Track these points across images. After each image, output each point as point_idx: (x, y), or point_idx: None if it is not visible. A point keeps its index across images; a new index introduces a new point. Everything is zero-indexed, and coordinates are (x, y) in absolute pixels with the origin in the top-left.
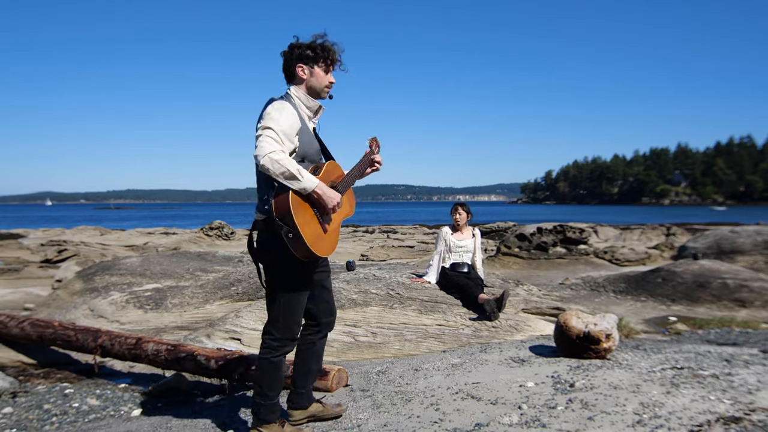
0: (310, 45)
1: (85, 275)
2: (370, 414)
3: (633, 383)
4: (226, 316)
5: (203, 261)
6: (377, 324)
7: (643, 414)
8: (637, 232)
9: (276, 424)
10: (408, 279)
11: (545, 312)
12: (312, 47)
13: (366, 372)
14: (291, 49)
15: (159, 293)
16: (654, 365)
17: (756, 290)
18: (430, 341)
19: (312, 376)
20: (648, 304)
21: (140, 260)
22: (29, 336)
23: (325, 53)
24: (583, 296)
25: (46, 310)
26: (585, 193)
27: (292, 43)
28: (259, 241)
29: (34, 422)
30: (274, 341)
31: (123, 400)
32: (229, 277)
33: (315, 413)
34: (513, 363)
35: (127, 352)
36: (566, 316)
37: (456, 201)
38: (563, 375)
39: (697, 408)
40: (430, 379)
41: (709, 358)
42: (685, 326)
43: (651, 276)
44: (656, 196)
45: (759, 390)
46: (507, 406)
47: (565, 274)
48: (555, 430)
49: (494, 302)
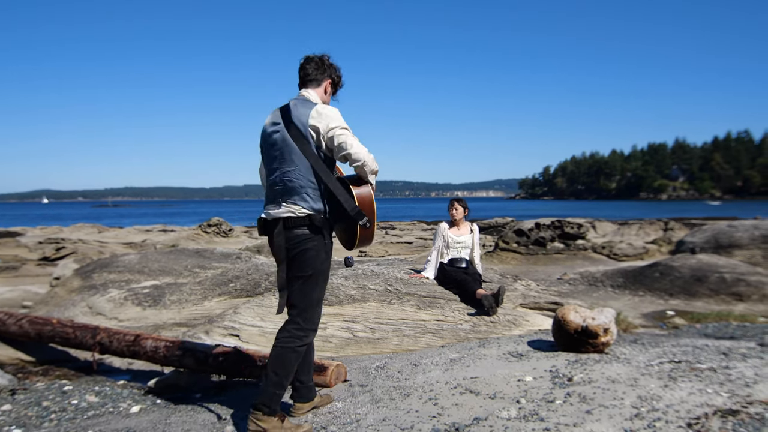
0: (340, 74)
1: (83, 273)
2: (369, 409)
3: (631, 377)
4: (224, 312)
5: (201, 258)
6: (375, 319)
7: (641, 407)
8: (635, 227)
9: (276, 418)
10: (406, 275)
11: (543, 307)
12: (341, 77)
13: (365, 367)
14: (325, 63)
15: (157, 290)
16: (652, 359)
17: (753, 284)
18: (429, 336)
19: (312, 368)
20: (646, 298)
21: (138, 257)
22: (27, 333)
23: (339, 88)
24: (581, 291)
25: (45, 308)
26: (583, 188)
27: (327, 59)
28: (301, 234)
29: (33, 419)
30: (300, 331)
31: (122, 397)
32: (227, 273)
33: (316, 404)
34: (511, 357)
35: (125, 348)
36: (564, 311)
37: (453, 197)
38: (561, 369)
39: (695, 401)
40: (428, 374)
41: (706, 352)
42: (682, 320)
43: (649, 270)
44: (654, 191)
45: (756, 383)
46: (505, 401)
47: (563, 269)
48: (553, 423)
49: (492, 297)
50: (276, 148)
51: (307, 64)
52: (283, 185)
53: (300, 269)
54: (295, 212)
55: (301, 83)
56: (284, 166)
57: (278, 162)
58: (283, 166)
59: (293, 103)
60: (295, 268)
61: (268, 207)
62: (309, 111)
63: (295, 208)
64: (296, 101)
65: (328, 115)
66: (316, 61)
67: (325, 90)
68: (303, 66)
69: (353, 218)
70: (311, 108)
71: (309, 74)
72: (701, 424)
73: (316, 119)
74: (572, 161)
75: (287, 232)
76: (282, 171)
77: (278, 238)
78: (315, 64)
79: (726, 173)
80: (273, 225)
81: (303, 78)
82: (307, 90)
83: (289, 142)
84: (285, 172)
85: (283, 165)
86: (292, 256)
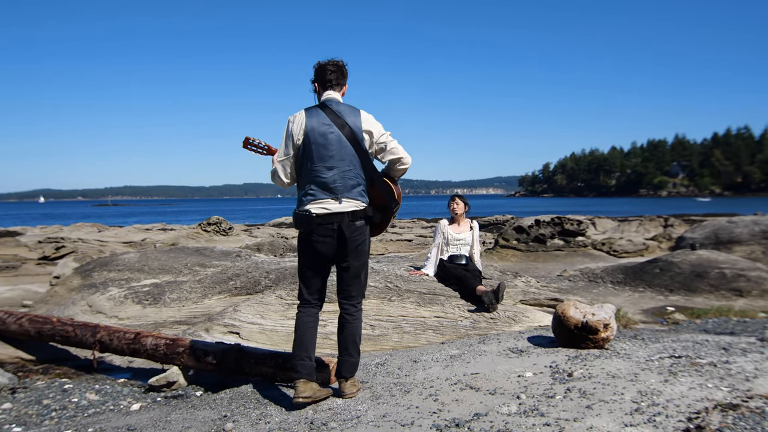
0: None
1: (83, 271)
2: (369, 405)
3: (631, 372)
4: (224, 310)
5: (201, 256)
6: (376, 316)
7: (641, 402)
8: (635, 223)
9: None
10: (406, 272)
11: (543, 303)
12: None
13: (365, 364)
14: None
15: (157, 288)
16: (652, 354)
17: (753, 280)
18: (429, 333)
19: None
20: (646, 294)
21: (138, 256)
22: (28, 332)
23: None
24: (581, 287)
25: (45, 307)
26: (583, 185)
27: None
28: (360, 226)
29: (34, 417)
30: (360, 307)
31: (122, 395)
32: (227, 271)
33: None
34: (511, 354)
35: (125, 346)
36: (564, 307)
37: (453, 193)
38: (561, 365)
39: (695, 396)
40: (428, 370)
41: (706, 347)
42: (683, 316)
43: (649, 267)
44: (654, 187)
45: (756, 377)
46: (505, 396)
47: (563, 265)
48: (553, 419)
49: (492, 294)
50: (331, 149)
51: (330, 67)
52: (342, 183)
53: (359, 258)
54: (358, 206)
55: (327, 85)
56: (342, 165)
57: (334, 161)
58: (341, 165)
59: (337, 107)
60: (354, 257)
61: (321, 202)
62: (359, 116)
63: (357, 203)
64: (338, 105)
65: (376, 122)
66: (339, 66)
67: (342, 94)
68: (325, 68)
69: (391, 209)
70: (359, 113)
71: (333, 79)
72: (701, 419)
73: (369, 124)
74: (572, 158)
75: (351, 225)
76: (341, 170)
77: (348, 230)
78: (338, 69)
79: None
80: (330, 219)
81: (330, 81)
82: (334, 92)
83: (345, 144)
84: (344, 171)
85: (341, 164)
86: (353, 247)
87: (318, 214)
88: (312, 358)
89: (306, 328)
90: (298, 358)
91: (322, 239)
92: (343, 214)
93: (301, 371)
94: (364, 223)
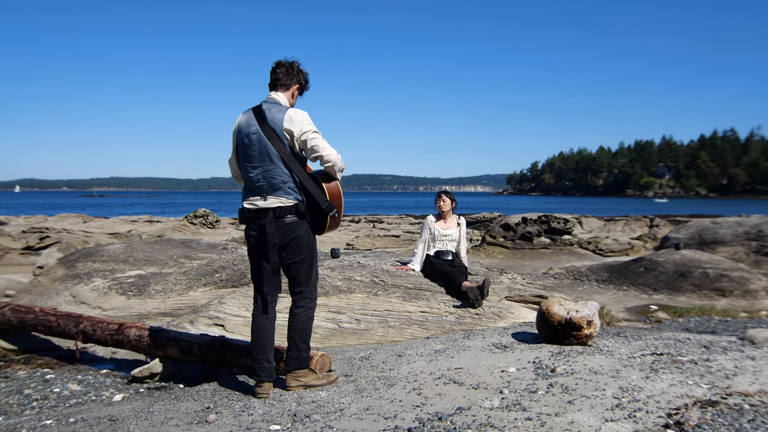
0: (307, 79)
1: (67, 262)
2: (353, 398)
3: (613, 368)
4: (209, 302)
5: (187, 248)
6: (361, 311)
7: (622, 398)
8: (621, 223)
9: (309, 370)
10: (392, 266)
11: (528, 300)
12: (308, 81)
13: (349, 358)
14: (295, 69)
15: (142, 280)
16: (634, 351)
17: (736, 280)
18: (414, 328)
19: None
20: (630, 293)
21: (123, 247)
22: (10, 321)
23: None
24: (566, 285)
25: (27, 297)
26: (570, 184)
27: (298, 65)
28: (291, 222)
29: (14, 407)
30: (310, 302)
31: (105, 386)
32: (213, 264)
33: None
34: (495, 349)
35: (109, 337)
36: (548, 303)
37: (440, 189)
38: (545, 360)
39: (675, 392)
40: (413, 364)
41: (688, 345)
42: (666, 315)
43: (633, 265)
44: (641, 188)
45: (736, 375)
46: (488, 391)
47: (548, 263)
48: (535, 413)
49: (477, 290)
50: (254, 149)
51: (279, 69)
52: (266, 182)
53: (297, 253)
54: (283, 203)
55: (271, 86)
56: (264, 164)
57: (257, 161)
58: (263, 164)
59: (266, 107)
60: (292, 252)
61: (251, 199)
62: (283, 115)
63: (282, 200)
64: (269, 104)
65: (301, 120)
66: (286, 67)
67: (292, 94)
68: (274, 70)
69: (324, 210)
70: (284, 112)
71: (279, 79)
72: (681, 414)
73: (290, 123)
74: (560, 157)
75: (278, 221)
76: (263, 169)
77: (270, 227)
78: (285, 70)
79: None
80: (258, 215)
81: (274, 81)
82: (277, 93)
83: (266, 143)
84: (266, 170)
85: (263, 163)
86: (286, 243)
87: (249, 209)
88: (271, 360)
89: (263, 332)
90: (257, 361)
91: (253, 233)
92: (268, 210)
93: (261, 374)
94: (297, 219)
